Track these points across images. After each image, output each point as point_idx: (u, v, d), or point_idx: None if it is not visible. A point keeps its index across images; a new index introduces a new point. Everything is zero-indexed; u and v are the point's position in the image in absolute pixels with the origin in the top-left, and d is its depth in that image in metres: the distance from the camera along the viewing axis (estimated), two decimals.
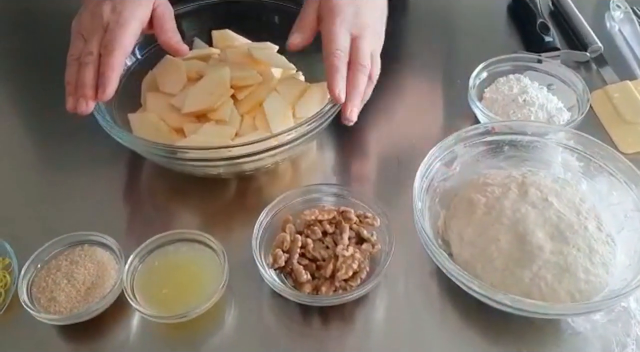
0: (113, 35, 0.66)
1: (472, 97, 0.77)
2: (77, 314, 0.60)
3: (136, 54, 0.80)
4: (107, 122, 0.68)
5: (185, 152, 0.65)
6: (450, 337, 0.62)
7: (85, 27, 0.68)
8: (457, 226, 0.64)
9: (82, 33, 0.68)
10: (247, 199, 0.75)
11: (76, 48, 0.67)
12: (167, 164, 0.71)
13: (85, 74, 0.65)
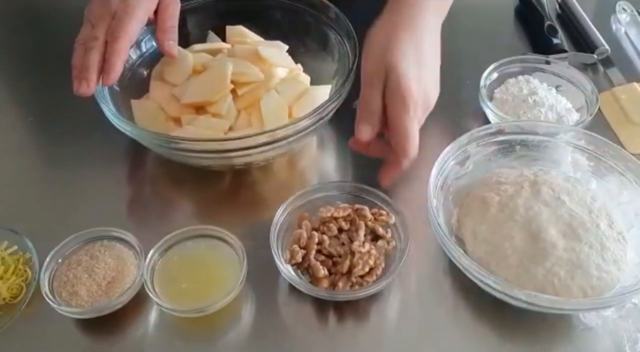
0: (119, 22, 0.68)
1: (484, 97, 0.78)
2: (98, 307, 0.61)
3: (147, 44, 0.83)
4: (109, 110, 0.70)
5: (178, 142, 0.66)
6: (463, 334, 0.63)
7: (94, 13, 0.69)
8: (471, 224, 0.65)
9: (91, 19, 0.70)
10: (266, 193, 0.77)
11: (84, 33, 0.69)
12: (163, 152, 0.71)
13: (90, 58, 0.66)
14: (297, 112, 0.75)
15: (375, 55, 0.66)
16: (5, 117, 0.86)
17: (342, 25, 0.79)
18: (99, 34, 0.68)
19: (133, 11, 0.69)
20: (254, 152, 0.68)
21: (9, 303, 0.64)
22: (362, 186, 0.70)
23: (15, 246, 0.67)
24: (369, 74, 0.65)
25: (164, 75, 0.78)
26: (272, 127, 0.69)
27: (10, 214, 0.73)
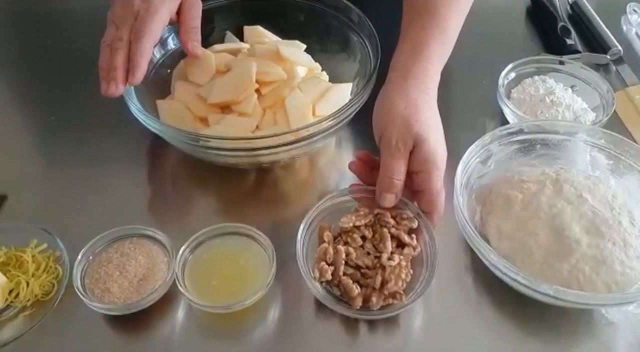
0: (142, 22, 0.69)
1: (503, 97, 0.79)
2: (130, 304, 0.62)
3: (169, 44, 0.84)
4: (137, 108, 0.70)
5: (207, 141, 0.67)
6: (487, 329, 0.64)
7: (117, 15, 0.70)
8: (495, 221, 0.67)
9: (115, 21, 0.70)
10: (288, 191, 0.78)
11: (108, 35, 0.70)
12: (190, 151, 0.72)
13: (116, 59, 0.67)
14: (319, 110, 0.76)
15: (399, 126, 0.64)
16: (27, 117, 0.87)
17: (365, 27, 0.81)
18: (124, 34, 0.69)
19: (156, 11, 0.70)
20: (281, 150, 0.69)
21: (41, 300, 0.65)
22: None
23: (45, 244, 0.68)
24: (394, 146, 0.64)
25: (187, 76, 0.79)
26: (297, 125, 0.71)
27: (38, 213, 0.73)
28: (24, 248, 0.67)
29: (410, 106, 0.65)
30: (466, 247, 0.70)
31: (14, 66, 0.95)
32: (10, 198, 0.76)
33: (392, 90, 0.67)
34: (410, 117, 0.64)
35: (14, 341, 0.62)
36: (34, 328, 0.63)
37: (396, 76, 0.68)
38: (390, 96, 0.67)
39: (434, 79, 0.68)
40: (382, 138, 0.65)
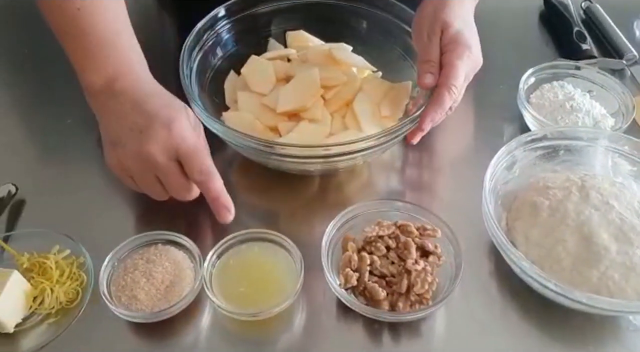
0: (199, 160, 0.64)
1: (524, 102, 0.79)
2: (159, 312, 0.62)
3: (217, 54, 0.84)
4: (207, 116, 0.70)
5: (284, 148, 0.67)
6: (512, 335, 0.64)
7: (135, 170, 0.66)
8: (522, 228, 0.67)
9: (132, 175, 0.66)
10: (328, 196, 0.78)
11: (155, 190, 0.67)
12: (264, 159, 0.72)
13: (210, 192, 0.65)
14: (384, 110, 0.77)
15: (428, 18, 0.72)
16: (43, 120, 0.86)
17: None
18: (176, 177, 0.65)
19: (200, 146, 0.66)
20: (360, 155, 0.69)
21: (65, 307, 0.64)
22: (404, 201, 0.71)
23: (68, 250, 0.67)
24: (426, 33, 0.72)
25: (250, 86, 0.80)
26: (368, 128, 0.74)
27: (57, 218, 0.72)
28: (46, 254, 0.67)
29: (438, 5, 0.72)
30: (489, 253, 0.70)
31: (28, 68, 0.94)
32: (28, 203, 0.75)
33: (424, 3, 0.75)
34: (437, 10, 0.72)
35: (41, 349, 0.61)
36: (60, 336, 0.62)
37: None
38: (421, 9, 0.75)
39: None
40: (417, 35, 0.74)
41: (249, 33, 0.86)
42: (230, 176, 0.80)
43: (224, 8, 0.83)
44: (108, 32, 0.67)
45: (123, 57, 0.67)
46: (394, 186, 0.80)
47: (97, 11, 0.67)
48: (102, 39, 0.66)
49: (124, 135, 0.64)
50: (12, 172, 0.78)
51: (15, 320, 0.62)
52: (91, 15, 0.66)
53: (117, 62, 0.67)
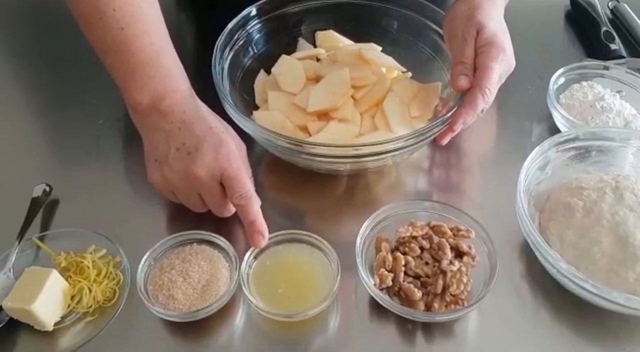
0: (241, 185, 0.66)
1: (554, 103, 0.79)
2: (196, 311, 0.62)
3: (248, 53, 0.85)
4: (239, 116, 0.70)
5: (314, 148, 0.68)
6: (545, 337, 0.64)
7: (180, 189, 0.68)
8: (556, 228, 0.67)
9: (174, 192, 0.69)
10: (356, 196, 0.78)
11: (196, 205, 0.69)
12: (294, 158, 0.72)
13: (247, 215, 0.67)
14: (413, 111, 0.78)
15: (462, 19, 0.72)
16: (75, 121, 0.87)
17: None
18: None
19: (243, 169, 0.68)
20: (390, 155, 0.70)
21: (103, 306, 0.65)
22: (437, 201, 0.71)
23: (104, 250, 0.68)
24: (460, 34, 0.71)
25: (280, 85, 0.80)
26: (398, 128, 0.74)
27: (91, 218, 0.73)
28: (83, 254, 0.67)
29: (472, 6, 0.72)
30: (521, 254, 0.70)
31: (59, 70, 0.95)
32: (62, 203, 0.76)
33: (457, 3, 0.74)
34: (472, 11, 0.71)
35: (80, 347, 0.62)
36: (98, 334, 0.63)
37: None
38: (454, 9, 0.74)
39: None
40: (450, 36, 0.73)
41: (279, 33, 0.86)
42: (258, 174, 0.80)
43: (255, 7, 0.83)
44: (153, 52, 0.67)
45: (169, 76, 0.69)
46: (422, 186, 0.80)
47: (142, 29, 0.67)
48: (147, 59, 0.67)
49: (170, 155, 0.66)
50: (45, 172, 0.79)
51: (55, 318, 0.63)
52: (135, 36, 0.67)
53: (163, 82, 0.68)
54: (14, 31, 1.04)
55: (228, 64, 0.80)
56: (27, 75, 0.95)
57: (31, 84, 0.94)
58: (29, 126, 0.87)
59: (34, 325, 0.62)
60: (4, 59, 0.99)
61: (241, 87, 0.82)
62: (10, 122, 0.88)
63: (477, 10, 0.71)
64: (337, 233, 0.71)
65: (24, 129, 0.87)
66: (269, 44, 0.86)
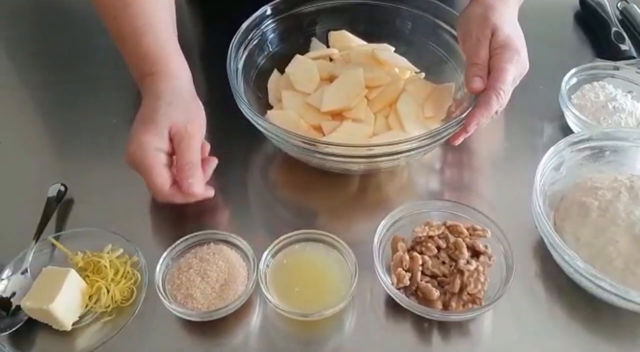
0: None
1: (567, 103, 0.80)
2: (215, 310, 0.62)
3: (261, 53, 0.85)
4: (253, 114, 0.71)
5: (328, 147, 0.68)
6: (560, 336, 0.64)
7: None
8: (571, 228, 0.67)
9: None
10: (368, 195, 0.78)
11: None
12: (308, 157, 0.72)
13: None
14: (427, 111, 0.78)
15: (477, 20, 0.72)
16: (89, 120, 0.87)
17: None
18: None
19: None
20: (403, 156, 0.70)
21: (121, 306, 0.65)
22: (452, 201, 0.72)
23: (121, 249, 0.68)
24: (475, 35, 0.71)
25: (294, 85, 0.81)
26: (411, 129, 0.74)
27: (107, 218, 0.73)
28: (100, 253, 0.68)
29: (487, 8, 0.72)
30: (535, 254, 0.71)
31: (72, 69, 0.95)
32: (77, 203, 0.76)
33: (471, 4, 0.75)
34: (486, 13, 0.71)
35: (98, 347, 0.62)
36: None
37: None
38: (468, 10, 0.74)
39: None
40: (464, 37, 0.73)
41: (293, 32, 0.87)
42: (270, 173, 0.81)
43: (270, 7, 0.84)
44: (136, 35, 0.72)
45: (144, 59, 0.72)
46: (433, 186, 0.80)
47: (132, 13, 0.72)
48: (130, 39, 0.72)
49: None
50: (60, 172, 0.79)
51: (73, 318, 0.63)
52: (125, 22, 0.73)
53: (140, 64, 0.72)
54: (26, 31, 1.05)
55: (242, 63, 0.80)
56: (39, 75, 0.95)
57: (43, 83, 0.94)
58: (43, 126, 0.88)
59: (52, 325, 0.62)
60: (17, 59, 1.00)
61: (255, 86, 0.82)
62: (24, 122, 0.88)
63: (492, 12, 0.71)
64: (349, 233, 0.71)
65: (37, 129, 0.87)
66: (282, 43, 0.86)
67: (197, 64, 0.83)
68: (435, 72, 0.85)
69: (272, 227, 0.73)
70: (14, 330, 0.62)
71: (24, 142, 0.85)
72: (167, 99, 0.69)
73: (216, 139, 0.76)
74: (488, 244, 0.67)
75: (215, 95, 0.72)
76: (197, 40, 1.02)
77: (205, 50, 0.99)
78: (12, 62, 0.99)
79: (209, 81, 0.73)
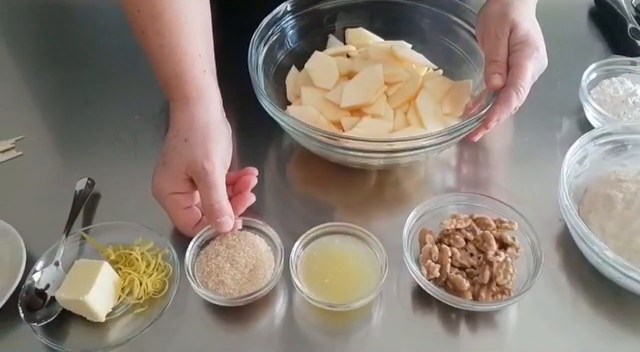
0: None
1: (587, 98, 0.81)
2: (248, 296, 0.63)
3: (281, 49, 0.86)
4: (274, 109, 0.71)
5: (349, 142, 0.68)
6: (585, 327, 0.65)
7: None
8: (597, 220, 0.68)
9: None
10: (386, 192, 0.79)
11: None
12: (328, 152, 0.72)
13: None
14: (445, 108, 0.79)
15: (496, 17, 0.73)
16: (111, 117, 0.87)
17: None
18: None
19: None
20: (422, 151, 0.70)
21: (153, 298, 0.66)
22: (477, 193, 0.72)
23: (152, 242, 0.69)
24: (494, 33, 0.72)
25: (314, 82, 0.81)
26: (430, 125, 0.75)
27: (133, 212, 0.74)
28: (131, 246, 0.68)
29: (505, 5, 0.73)
30: (558, 246, 0.71)
31: (92, 67, 0.96)
32: (104, 197, 0.77)
33: (489, 2, 0.76)
34: (505, 10, 0.72)
35: (132, 338, 0.62)
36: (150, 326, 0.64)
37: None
38: (487, 8, 0.75)
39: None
40: (483, 35, 0.74)
41: (313, 29, 0.87)
42: (287, 169, 0.82)
43: (290, 3, 0.84)
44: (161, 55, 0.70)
45: (169, 83, 0.70)
46: (451, 181, 0.81)
47: (157, 31, 0.69)
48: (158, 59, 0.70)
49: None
50: (86, 168, 0.80)
51: (107, 310, 0.64)
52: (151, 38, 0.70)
53: (166, 88, 0.70)
54: (40, 30, 1.06)
55: (263, 59, 0.81)
56: (60, 74, 0.96)
57: (64, 82, 0.94)
58: (67, 124, 0.88)
59: (86, 316, 0.63)
60: (36, 59, 1.00)
61: (274, 82, 0.83)
62: (49, 120, 0.89)
63: (511, 9, 0.72)
64: (368, 228, 0.71)
65: (62, 126, 0.88)
66: (301, 40, 0.87)
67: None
68: (451, 69, 0.86)
69: (291, 222, 0.74)
70: (50, 321, 0.63)
71: (49, 140, 0.86)
72: (184, 135, 0.67)
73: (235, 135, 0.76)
74: (516, 237, 0.67)
75: (225, 89, 0.73)
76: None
77: (222, 48, 0.99)
78: (31, 61, 1.00)
79: (224, 78, 0.74)
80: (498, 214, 0.69)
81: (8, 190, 0.78)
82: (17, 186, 0.79)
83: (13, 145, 0.83)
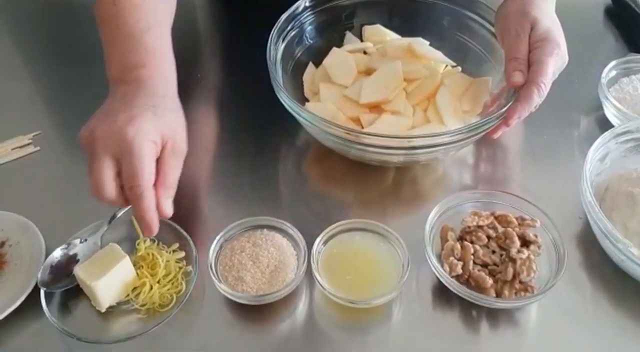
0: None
1: (607, 95, 0.80)
2: (263, 295, 0.63)
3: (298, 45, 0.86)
4: (293, 105, 0.70)
5: (369, 138, 0.68)
6: (605, 325, 0.65)
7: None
8: (619, 218, 0.68)
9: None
10: (403, 189, 0.78)
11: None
12: (347, 148, 0.72)
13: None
14: (464, 105, 0.78)
15: (515, 15, 0.72)
16: None
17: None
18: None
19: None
20: (442, 148, 0.70)
21: (155, 310, 0.64)
22: (499, 190, 0.72)
23: (183, 253, 0.67)
24: (514, 30, 0.71)
25: (331, 78, 0.81)
26: (450, 122, 0.74)
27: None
28: (163, 250, 0.68)
29: (525, 3, 0.72)
30: (579, 244, 0.71)
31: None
32: None
33: (507, 1, 0.75)
34: (525, 7, 0.72)
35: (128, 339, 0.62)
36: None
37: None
38: (506, 5, 0.75)
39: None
40: (503, 32, 0.74)
41: (331, 25, 0.87)
42: (303, 166, 0.81)
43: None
44: (137, 29, 0.68)
45: (146, 54, 0.67)
46: (469, 179, 0.80)
47: (133, 4, 0.69)
48: (130, 33, 0.68)
49: (121, 109, 0.63)
50: None
51: (110, 302, 0.63)
52: (124, 10, 0.68)
53: (138, 57, 0.67)
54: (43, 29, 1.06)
55: (280, 55, 0.81)
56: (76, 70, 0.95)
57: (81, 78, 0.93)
58: (84, 119, 0.85)
59: (91, 300, 0.63)
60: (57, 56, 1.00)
61: (292, 78, 0.83)
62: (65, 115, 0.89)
63: (530, 6, 0.72)
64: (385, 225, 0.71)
65: (79, 121, 0.85)
66: (319, 36, 0.87)
67: (231, 56, 0.82)
68: (468, 67, 0.85)
69: (307, 219, 0.73)
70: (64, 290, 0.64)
71: (66, 135, 0.84)
72: (166, 104, 0.65)
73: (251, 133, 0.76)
74: (538, 234, 0.67)
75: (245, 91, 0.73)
76: (223, 35, 1.03)
77: (237, 45, 0.99)
78: (48, 58, 0.99)
79: (238, 74, 0.73)
80: (519, 211, 0.69)
81: (26, 185, 0.78)
82: (35, 180, 0.79)
83: (30, 141, 0.83)
